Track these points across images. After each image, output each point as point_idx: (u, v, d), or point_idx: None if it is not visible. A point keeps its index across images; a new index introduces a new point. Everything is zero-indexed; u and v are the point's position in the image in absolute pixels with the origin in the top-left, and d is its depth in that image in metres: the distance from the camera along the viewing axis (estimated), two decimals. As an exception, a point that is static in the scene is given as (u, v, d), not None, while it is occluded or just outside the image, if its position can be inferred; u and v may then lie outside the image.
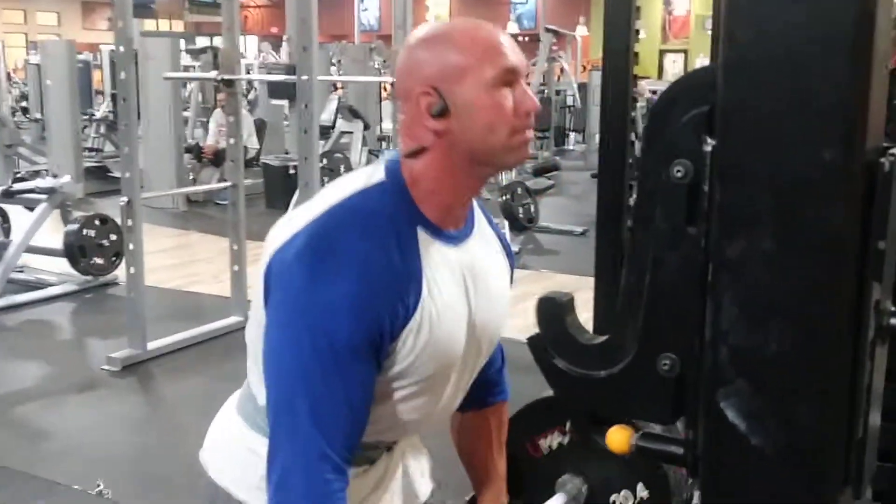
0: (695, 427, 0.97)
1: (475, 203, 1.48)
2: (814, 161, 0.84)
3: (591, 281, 2.32)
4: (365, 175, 1.38)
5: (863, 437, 0.94)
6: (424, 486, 1.64)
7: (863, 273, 0.89)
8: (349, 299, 1.25)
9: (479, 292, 1.43)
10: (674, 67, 21.72)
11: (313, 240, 1.29)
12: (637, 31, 3.31)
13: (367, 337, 1.26)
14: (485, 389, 1.67)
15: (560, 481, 2.43)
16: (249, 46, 23.98)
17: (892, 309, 0.95)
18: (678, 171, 0.92)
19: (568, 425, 2.51)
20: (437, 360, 1.36)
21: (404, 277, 1.30)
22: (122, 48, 4.79)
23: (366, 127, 10.17)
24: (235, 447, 1.49)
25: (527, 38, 20.70)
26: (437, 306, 1.33)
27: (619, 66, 3.25)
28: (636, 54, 3.33)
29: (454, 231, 1.39)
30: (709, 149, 0.89)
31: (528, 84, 1.38)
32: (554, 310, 1.08)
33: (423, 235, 1.34)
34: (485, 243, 1.48)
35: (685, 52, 21.55)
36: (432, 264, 1.34)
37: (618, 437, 1.10)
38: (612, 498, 2.43)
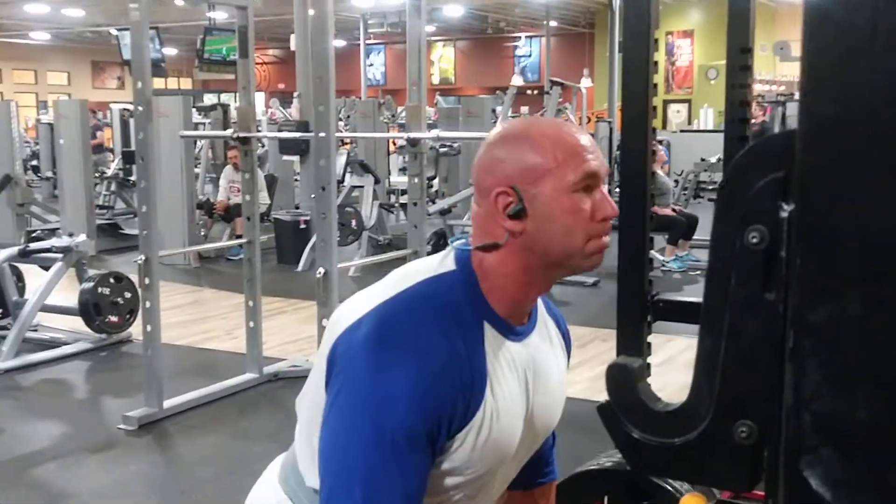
0: (774, 496, 0.94)
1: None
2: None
3: (602, 332, 2.30)
4: (435, 262, 1.37)
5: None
6: None
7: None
8: (412, 388, 1.23)
9: (539, 389, 1.41)
10: (678, 117, 21.84)
11: (380, 326, 1.28)
12: (655, 86, 3.33)
13: (427, 428, 1.24)
14: (534, 470, 1.64)
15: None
16: (257, 103, 24.17)
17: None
18: (754, 237, 0.91)
19: (606, 500, 2.47)
20: (492, 457, 1.35)
21: (468, 372, 1.28)
22: (140, 108, 4.82)
23: (376, 181, 10.20)
24: None
25: (534, 92, 20.90)
26: (499, 405, 1.32)
27: (638, 120, 3.27)
28: (654, 108, 3.34)
29: (519, 327, 1.38)
30: (785, 214, 0.88)
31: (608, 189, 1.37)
32: (625, 376, 1.07)
33: (489, 330, 1.32)
34: (546, 337, 1.47)
35: (689, 101, 21.67)
36: (496, 361, 1.32)
37: (692, 506, 1.08)
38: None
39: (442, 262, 1.36)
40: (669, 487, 2.52)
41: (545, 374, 1.44)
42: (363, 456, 1.24)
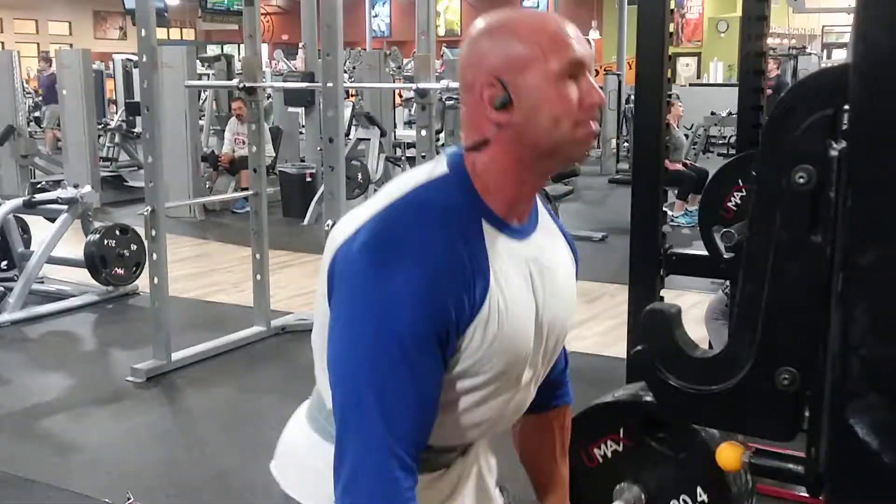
0: (817, 444, 0.92)
1: (538, 198, 1.45)
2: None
3: (611, 287, 2.27)
4: (427, 169, 1.35)
5: None
6: (498, 490, 1.60)
7: None
8: (414, 289, 1.21)
9: (546, 287, 1.39)
10: (686, 71, 21.64)
11: (376, 233, 1.26)
12: (671, 35, 3.28)
13: (434, 327, 1.23)
14: (548, 392, 1.62)
15: (617, 489, 2.39)
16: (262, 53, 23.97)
17: None
18: (801, 177, 0.88)
19: (621, 432, 2.47)
20: (507, 355, 1.33)
21: (470, 268, 1.26)
22: (145, 57, 4.76)
23: (382, 134, 10.13)
24: (309, 460, 1.44)
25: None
26: (505, 299, 1.30)
27: (653, 71, 3.22)
28: (670, 58, 3.29)
29: (519, 225, 1.36)
30: (835, 153, 0.85)
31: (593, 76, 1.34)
32: (663, 322, 1.04)
33: (487, 228, 1.31)
34: (550, 238, 1.46)
35: (698, 55, 21.47)
36: (498, 257, 1.31)
37: (728, 455, 1.06)
38: (672, 504, 2.39)
39: (434, 168, 1.35)
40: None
41: (552, 272, 1.42)
42: (372, 363, 1.23)
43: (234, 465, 3.93)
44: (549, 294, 1.40)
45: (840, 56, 15.25)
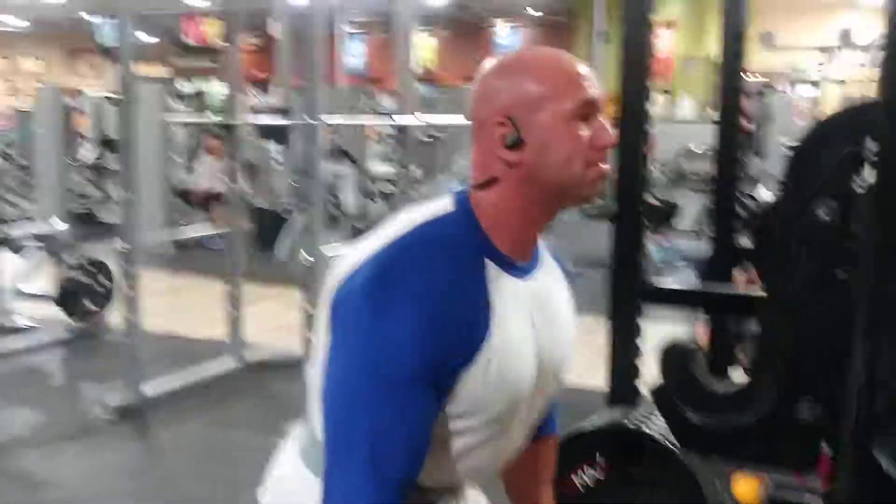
0: (838, 476, 0.89)
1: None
2: None
3: (587, 321, 2.25)
4: (433, 206, 1.34)
5: None
6: None
7: None
8: (410, 332, 1.20)
9: (547, 327, 1.38)
10: (658, 107, 21.88)
11: (378, 270, 1.24)
12: (651, 70, 3.28)
13: (428, 370, 1.21)
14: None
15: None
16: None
17: None
18: (825, 213, 0.86)
19: (601, 460, 2.45)
20: (505, 397, 1.30)
21: (470, 310, 1.25)
22: (125, 94, 4.75)
23: (358, 169, 10.15)
24: (298, 489, 1.40)
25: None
26: (505, 342, 1.28)
27: (635, 107, 3.23)
28: (650, 94, 3.29)
29: (523, 264, 1.34)
30: (860, 190, 0.83)
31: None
32: (681, 358, 1.01)
33: (491, 267, 1.29)
34: (551, 276, 1.44)
35: (668, 91, 21.72)
36: (500, 297, 1.28)
37: (748, 489, 1.03)
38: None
39: (440, 205, 1.33)
40: (667, 444, 2.50)
41: (553, 311, 1.40)
42: (365, 402, 1.21)
43: (208, 501, 3.87)
44: (550, 333, 1.39)
45: (803, 90, 15.48)
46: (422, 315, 1.20)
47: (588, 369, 2.60)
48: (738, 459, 1.13)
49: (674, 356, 1.03)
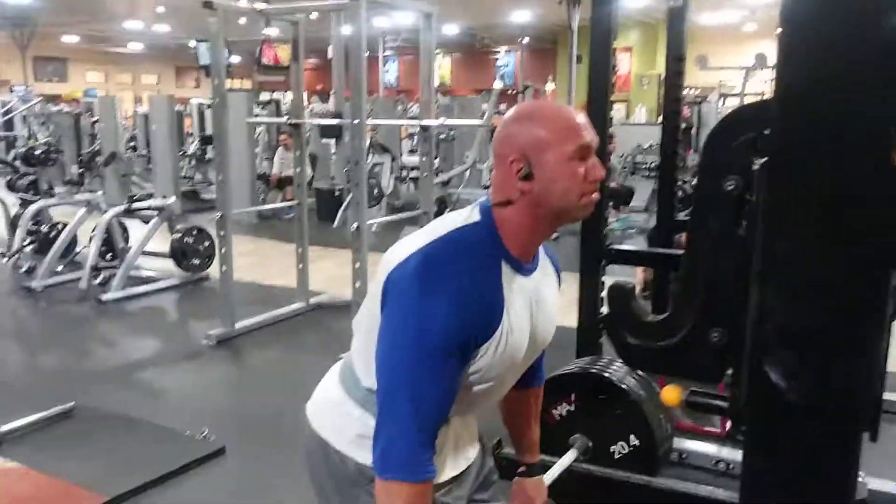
0: (739, 386, 0.92)
1: None
2: (852, 175, 0.79)
3: (565, 274, 2.24)
4: (465, 214, 1.35)
5: (880, 393, 0.89)
6: (472, 451, 1.57)
7: (885, 263, 0.84)
8: (447, 310, 1.21)
9: (539, 312, 1.40)
10: (618, 114, 21.60)
11: (425, 262, 1.26)
12: (614, 85, 3.26)
13: (460, 342, 1.24)
14: (528, 375, 1.61)
15: (572, 439, 2.39)
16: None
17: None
18: (730, 184, 0.88)
19: (573, 396, 2.48)
20: (506, 363, 1.33)
21: (490, 298, 1.27)
22: (218, 100, 4.74)
23: (393, 159, 10.09)
24: (336, 409, 1.44)
25: (512, 92, 20.65)
26: (513, 325, 1.30)
27: (599, 113, 3.21)
28: (612, 104, 3.28)
29: (527, 265, 1.36)
30: (756, 167, 0.85)
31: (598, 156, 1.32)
32: (622, 295, 1.04)
33: (505, 267, 1.31)
34: (545, 273, 1.45)
35: (627, 101, 21.45)
36: (511, 291, 1.31)
37: (671, 395, 1.06)
38: (612, 448, 2.40)
39: (470, 215, 1.34)
40: (623, 386, 2.53)
41: (544, 301, 1.41)
42: (408, 364, 1.23)
43: (284, 408, 3.91)
44: (541, 317, 1.40)
45: (732, 103, 15.24)
46: (454, 302, 1.22)
47: (565, 314, 2.63)
48: (664, 373, 1.15)
49: (616, 294, 1.05)
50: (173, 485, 3.15)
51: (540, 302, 1.40)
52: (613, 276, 2.59)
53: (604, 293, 2.09)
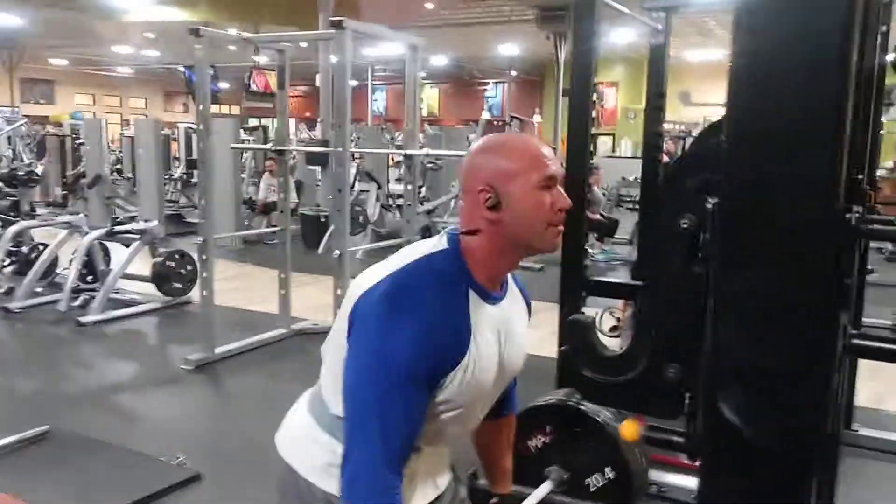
0: (695, 421, 0.93)
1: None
2: (800, 218, 0.82)
3: (547, 305, 2.25)
4: (433, 242, 1.35)
5: (834, 430, 0.91)
6: (443, 480, 1.55)
7: (835, 302, 0.86)
8: (414, 336, 1.21)
9: (508, 341, 1.40)
10: (604, 146, 21.82)
11: (391, 289, 1.26)
12: (593, 120, 3.30)
13: (426, 368, 1.23)
14: (500, 405, 1.62)
15: (547, 471, 2.39)
16: (290, 125, 23.94)
17: (853, 332, 0.93)
18: (684, 223, 0.90)
19: (548, 428, 2.48)
20: (475, 391, 1.33)
21: (457, 326, 1.27)
22: (202, 125, 4.75)
23: (379, 187, 10.13)
24: (305, 437, 1.43)
25: (499, 123, 20.82)
26: (480, 352, 1.30)
27: (579, 146, 3.25)
28: (594, 137, 3.32)
29: (494, 293, 1.36)
30: (709, 206, 0.87)
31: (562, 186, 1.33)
32: (580, 328, 1.05)
33: (472, 295, 1.31)
34: (513, 302, 1.45)
35: (613, 135, 21.66)
36: (478, 319, 1.30)
37: (630, 429, 1.07)
38: (587, 480, 2.40)
39: (438, 242, 1.35)
40: (599, 418, 2.54)
41: (513, 329, 1.42)
42: (375, 390, 1.23)
43: (262, 434, 3.82)
44: (509, 346, 1.40)
45: (716, 138, 15.40)
46: (420, 328, 1.22)
47: (544, 343, 2.63)
48: (621, 407, 1.16)
49: (574, 327, 1.06)
50: (146, 511, 3.12)
51: (509, 331, 1.40)
52: (597, 307, 2.60)
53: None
